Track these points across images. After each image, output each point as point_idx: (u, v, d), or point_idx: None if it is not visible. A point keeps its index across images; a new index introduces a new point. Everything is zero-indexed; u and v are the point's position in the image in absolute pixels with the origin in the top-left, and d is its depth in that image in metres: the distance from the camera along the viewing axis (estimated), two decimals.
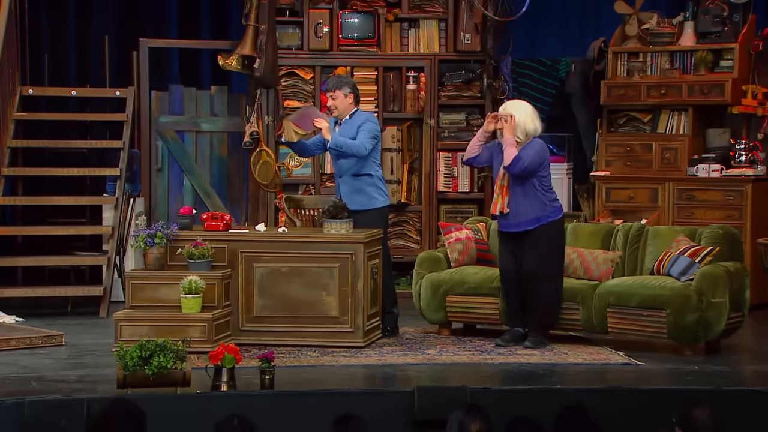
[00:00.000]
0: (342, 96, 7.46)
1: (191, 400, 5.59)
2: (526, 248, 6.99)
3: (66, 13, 10.01)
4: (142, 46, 9.45)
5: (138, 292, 6.97)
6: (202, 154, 9.55)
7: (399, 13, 9.50)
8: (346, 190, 7.42)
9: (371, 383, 6.22)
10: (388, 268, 7.51)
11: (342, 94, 7.46)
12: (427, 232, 9.42)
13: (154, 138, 9.46)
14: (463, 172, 9.49)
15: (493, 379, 6.21)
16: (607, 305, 7.02)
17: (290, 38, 9.40)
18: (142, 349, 5.56)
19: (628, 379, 6.18)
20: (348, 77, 8.09)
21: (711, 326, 6.83)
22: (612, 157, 9.29)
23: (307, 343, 7.03)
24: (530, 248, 6.97)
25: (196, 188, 9.49)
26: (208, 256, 7.00)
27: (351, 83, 7.59)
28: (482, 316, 7.42)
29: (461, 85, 9.51)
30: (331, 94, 7.48)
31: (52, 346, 7.06)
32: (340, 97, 7.46)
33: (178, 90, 9.54)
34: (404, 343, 7.22)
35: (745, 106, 8.90)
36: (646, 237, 7.41)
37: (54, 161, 9.14)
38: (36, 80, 9.45)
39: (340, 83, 7.51)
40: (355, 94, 7.52)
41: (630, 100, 9.24)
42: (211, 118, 9.58)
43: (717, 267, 6.94)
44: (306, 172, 9.36)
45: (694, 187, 8.89)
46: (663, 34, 9.26)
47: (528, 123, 6.99)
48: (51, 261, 8.89)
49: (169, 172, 9.45)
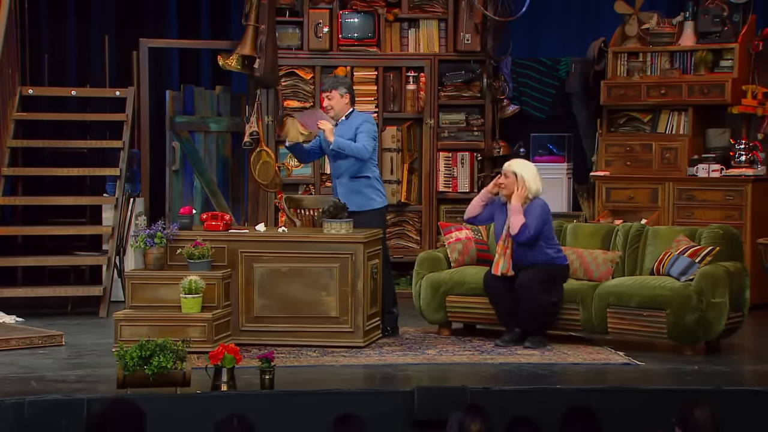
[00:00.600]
0: (338, 96, 7.44)
1: (191, 400, 5.59)
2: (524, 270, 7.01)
3: (66, 13, 10.01)
4: (142, 46, 9.45)
5: (138, 292, 6.97)
6: (209, 154, 9.56)
7: (399, 13, 9.50)
8: (344, 191, 7.41)
9: (371, 383, 6.22)
10: (387, 267, 7.51)
11: (338, 94, 7.44)
12: (427, 232, 9.42)
13: (170, 138, 9.43)
14: (462, 172, 9.49)
15: (493, 379, 6.21)
16: (607, 305, 7.01)
17: (290, 38, 9.40)
18: (142, 349, 5.56)
19: (628, 379, 6.18)
20: (344, 77, 8.09)
21: (711, 326, 6.83)
22: (612, 157, 9.29)
23: (307, 343, 7.02)
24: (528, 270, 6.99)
25: (204, 188, 9.50)
26: (208, 256, 6.99)
27: (347, 83, 7.58)
28: (482, 316, 7.42)
29: (461, 85, 9.51)
30: (327, 94, 7.46)
31: (52, 346, 7.06)
32: (336, 97, 7.44)
33: (190, 90, 9.53)
34: (404, 343, 7.22)
35: (745, 106, 8.90)
36: (646, 237, 7.41)
37: (54, 161, 9.14)
38: (36, 80, 9.45)
39: (336, 83, 7.50)
40: (351, 95, 7.51)
41: (630, 100, 9.24)
42: (217, 118, 9.59)
43: (717, 267, 6.94)
44: (306, 172, 9.36)
45: (694, 187, 8.88)
46: (663, 34, 9.26)
47: (532, 184, 7.05)
48: (51, 261, 8.89)
49: (183, 173, 9.46)
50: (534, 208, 7.04)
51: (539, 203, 7.09)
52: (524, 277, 6.97)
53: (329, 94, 7.45)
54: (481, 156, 9.52)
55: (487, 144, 9.52)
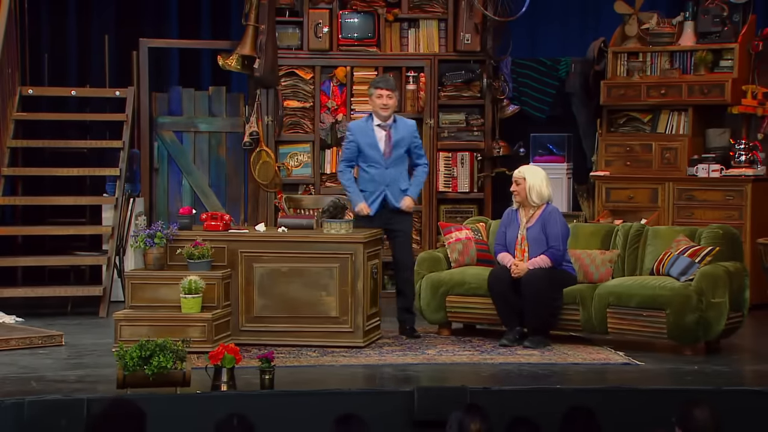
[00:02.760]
0: (395, 98, 7.46)
1: (191, 400, 5.59)
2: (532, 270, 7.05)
3: (66, 13, 10.01)
4: (142, 46, 9.45)
5: (138, 292, 6.97)
6: (200, 154, 9.54)
7: (399, 13, 9.50)
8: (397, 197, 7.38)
9: (371, 383, 6.22)
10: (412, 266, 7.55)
11: (396, 96, 7.47)
12: (427, 232, 9.42)
13: (153, 138, 9.45)
14: (462, 172, 9.49)
15: (493, 379, 6.21)
16: (607, 305, 7.01)
17: (290, 38, 9.40)
18: (142, 349, 5.56)
19: (628, 379, 6.18)
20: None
21: (711, 326, 6.83)
22: (612, 157, 9.29)
23: (307, 343, 7.02)
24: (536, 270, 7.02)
25: (194, 188, 9.49)
26: (208, 256, 6.99)
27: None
28: (482, 316, 7.42)
29: (461, 85, 9.51)
30: (389, 93, 7.39)
31: (51, 346, 7.06)
32: (395, 98, 7.44)
33: (177, 91, 9.53)
34: (404, 343, 7.22)
35: (745, 106, 8.90)
36: (646, 237, 7.41)
37: (54, 161, 9.14)
38: (36, 80, 9.44)
39: (395, 84, 7.52)
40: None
41: (630, 100, 9.23)
42: (209, 119, 9.56)
43: (717, 267, 6.94)
44: (306, 172, 9.36)
45: (694, 187, 8.88)
46: (663, 34, 9.26)
47: (543, 188, 7.16)
48: (51, 261, 8.89)
49: (168, 172, 9.44)
50: (552, 217, 7.12)
51: (554, 210, 7.19)
52: (532, 277, 6.98)
53: (391, 93, 7.41)
54: (481, 156, 9.52)
55: (487, 144, 9.52)
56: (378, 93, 7.39)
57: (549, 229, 7.10)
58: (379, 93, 7.38)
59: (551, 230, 7.09)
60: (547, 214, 7.15)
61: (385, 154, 7.37)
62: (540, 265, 7.05)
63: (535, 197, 7.15)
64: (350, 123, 7.68)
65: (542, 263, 7.06)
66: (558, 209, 7.32)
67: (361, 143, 7.39)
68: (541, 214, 7.15)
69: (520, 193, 7.18)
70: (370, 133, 7.39)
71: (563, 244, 7.11)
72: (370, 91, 7.48)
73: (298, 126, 9.39)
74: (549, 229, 7.10)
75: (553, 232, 7.08)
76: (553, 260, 7.07)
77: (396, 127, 7.42)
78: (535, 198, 7.15)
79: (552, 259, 7.07)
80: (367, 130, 7.40)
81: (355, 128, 7.49)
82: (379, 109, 7.37)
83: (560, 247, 7.08)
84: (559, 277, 7.08)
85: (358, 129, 7.45)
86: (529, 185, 7.14)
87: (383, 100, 7.36)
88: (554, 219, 7.14)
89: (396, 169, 7.39)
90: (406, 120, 7.63)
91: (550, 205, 7.21)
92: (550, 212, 7.17)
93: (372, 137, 7.38)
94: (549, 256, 7.07)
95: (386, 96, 7.35)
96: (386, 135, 7.39)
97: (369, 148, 7.37)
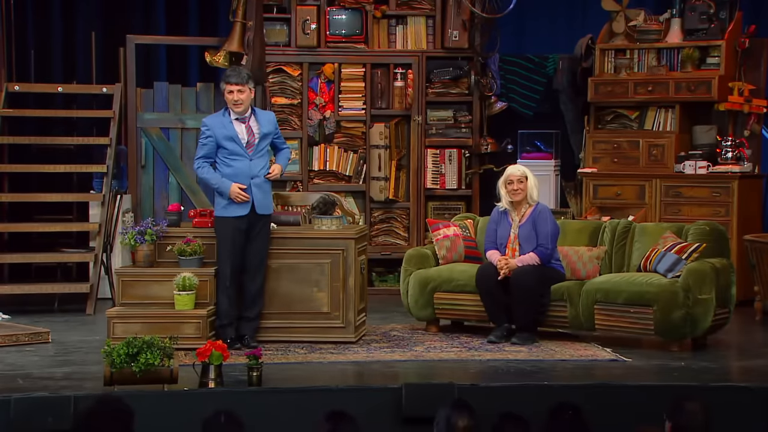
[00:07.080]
0: (248, 91, 6.85)
1: (179, 397, 5.58)
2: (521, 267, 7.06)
3: (52, 9, 9.96)
4: (129, 42, 9.41)
5: (128, 289, 6.95)
6: (188, 151, 9.51)
7: (386, 9, 9.49)
8: (262, 195, 6.91)
9: (359, 380, 6.22)
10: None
11: (249, 88, 6.85)
12: (415, 229, 9.42)
13: (139, 135, 9.41)
14: (450, 169, 9.50)
15: (481, 376, 6.21)
16: (595, 302, 7.03)
17: (278, 35, 9.38)
18: (129, 346, 5.54)
19: (616, 376, 6.20)
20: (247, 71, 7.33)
21: (697, 322, 6.85)
22: (599, 153, 9.30)
23: (299, 339, 7.02)
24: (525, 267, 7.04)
25: (181, 185, 9.46)
26: (199, 253, 6.98)
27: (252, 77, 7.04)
28: (470, 313, 7.43)
29: (449, 81, 9.51)
30: (240, 87, 6.81)
31: (38, 343, 7.03)
32: (247, 91, 6.85)
33: (163, 87, 9.49)
34: (392, 340, 7.22)
35: (732, 103, 8.92)
36: (633, 234, 7.43)
37: (41, 158, 9.11)
38: (22, 76, 9.41)
39: (249, 77, 6.89)
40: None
41: (617, 97, 9.25)
42: (197, 115, 9.52)
43: (703, 263, 6.96)
44: (294, 169, 9.35)
45: (681, 184, 8.90)
46: (650, 31, 9.28)
47: (533, 189, 7.19)
48: (38, 258, 8.86)
49: (155, 169, 9.41)
50: (543, 216, 7.14)
51: (544, 209, 7.22)
52: (521, 274, 6.99)
53: (242, 87, 6.81)
54: (469, 153, 9.52)
55: (474, 141, 9.52)
56: (228, 88, 6.83)
57: (539, 228, 7.11)
58: (230, 89, 6.82)
59: (541, 229, 7.11)
60: (537, 213, 7.17)
61: (248, 146, 6.87)
62: (528, 262, 7.06)
63: (535, 196, 7.21)
64: (205, 118, 7.13)
65: (530, 261, 7.07)
66: (548, 208, 7.35)
67: (219, 137, 6.84)
68: (532, 213, 7.18)
69: (522, 192, 7.19)
70: (229, 126, 6.85)
71: (552, 242, 7.12)
72: (222, 85, 6.94)
73: (286, 123, 9.37)
74: (539, 227, 7.11)
75: (543, 230, 7.10)
76: (541, 258, 7.08)
77: (257, 120, 6.92)
78: (534, 197, 7.20)
79: (540, 257, 7.08)
80: (225, 123, 6.87)
81: (211, 123, 6.92)
82: (232, 105, 6.84)
83: (549, 245, 7.09)
84: (547, 275, 7.10)
85: (215, 123, 6.90)
86: (530, 184, 7.18)
87: (234, 96, 6.80)
88: (544, 217, 7.15)
89: (260, 161, 6.92)
90: (266, 112, 7.19)
91: (540, 204, 7.25)
92: (541, 211, 7.19)
93: (231, 130, 6.84)
94: (537, 254, 7.08)
95: (237, 91, 6.79)
96: (246, 127, 6.92)
97: (228, 141, 6.84)
